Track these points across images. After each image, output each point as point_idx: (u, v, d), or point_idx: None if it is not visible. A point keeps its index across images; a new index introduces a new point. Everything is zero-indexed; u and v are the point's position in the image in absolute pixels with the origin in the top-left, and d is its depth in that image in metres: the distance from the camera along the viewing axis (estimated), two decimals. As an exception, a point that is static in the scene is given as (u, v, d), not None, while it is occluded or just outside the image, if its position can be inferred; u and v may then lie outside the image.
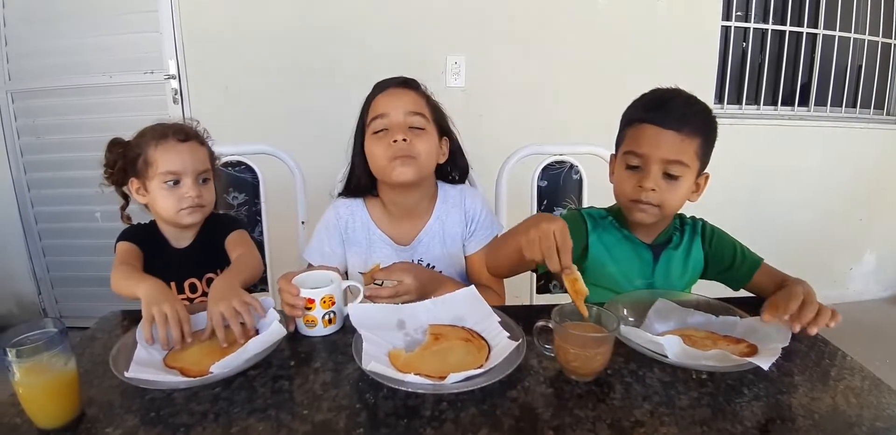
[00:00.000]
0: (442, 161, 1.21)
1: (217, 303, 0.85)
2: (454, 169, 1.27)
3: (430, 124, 1.14)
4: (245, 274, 1.01)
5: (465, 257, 1.25)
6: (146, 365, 0.77)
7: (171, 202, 1.06)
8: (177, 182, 1.06)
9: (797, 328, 0.82)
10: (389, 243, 1.22)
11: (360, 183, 1.20)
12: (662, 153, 1.00)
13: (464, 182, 1.31)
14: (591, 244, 1.12)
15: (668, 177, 1.02)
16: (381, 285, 1.04)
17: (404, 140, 1.08)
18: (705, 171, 1.08)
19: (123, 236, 1.11)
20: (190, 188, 1.06)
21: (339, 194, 1.27)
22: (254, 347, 0.79)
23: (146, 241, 1.11)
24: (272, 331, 0.82)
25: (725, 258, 1.12)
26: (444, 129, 1.20)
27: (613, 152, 1.12)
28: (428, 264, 1.21)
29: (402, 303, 0.97)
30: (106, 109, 2.30)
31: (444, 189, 1.26)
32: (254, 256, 1.11)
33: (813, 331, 0.81)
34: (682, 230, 1.16)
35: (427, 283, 1.05)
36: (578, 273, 0.82)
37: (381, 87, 1.17)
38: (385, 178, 1.14)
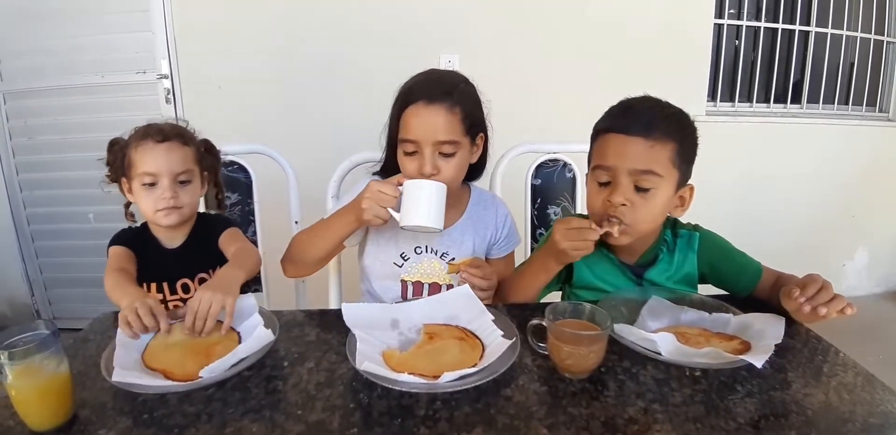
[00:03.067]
0: (474, 161, 1.17)
1: (208, 288, 0.86)
2: (477, 169, 1.23)
3: (461, 141, 1.07)
4: (247, 266, 1.02)
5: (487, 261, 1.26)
6: (129, 368, 0.76)
7: (149, 203, 1.07)
8: (154, 183, 1.06)
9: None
10: None
11: (392, 172, 1.17)
12: (630, 163, 0.92)
13: (477, 178, 1.29)
14: (575, 264, 1.07)
15: (640, 190, 0.93)
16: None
17: (432, 174, 1.06)
18: (689, 182, 0.99)
19: (114, 241, 1.10)
20: (166, 190, 1.05)
21: (374, 173, 1.25)
22: (243, 352, 0.79)
23: (137, 243, 1.11)
24: (259, 335, 0.82)
25: (724, 276, 1.06)
26: (479, 127, 1.13)
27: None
28: (453, 258, 1.21)
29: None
30: (98, 110, 2.29)
31: (478, 191, 1.27)
32: (252, 249, 1.12)
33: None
34: (673, 244, 1.06)
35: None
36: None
37: (412, 96, 1.06)
38: None
